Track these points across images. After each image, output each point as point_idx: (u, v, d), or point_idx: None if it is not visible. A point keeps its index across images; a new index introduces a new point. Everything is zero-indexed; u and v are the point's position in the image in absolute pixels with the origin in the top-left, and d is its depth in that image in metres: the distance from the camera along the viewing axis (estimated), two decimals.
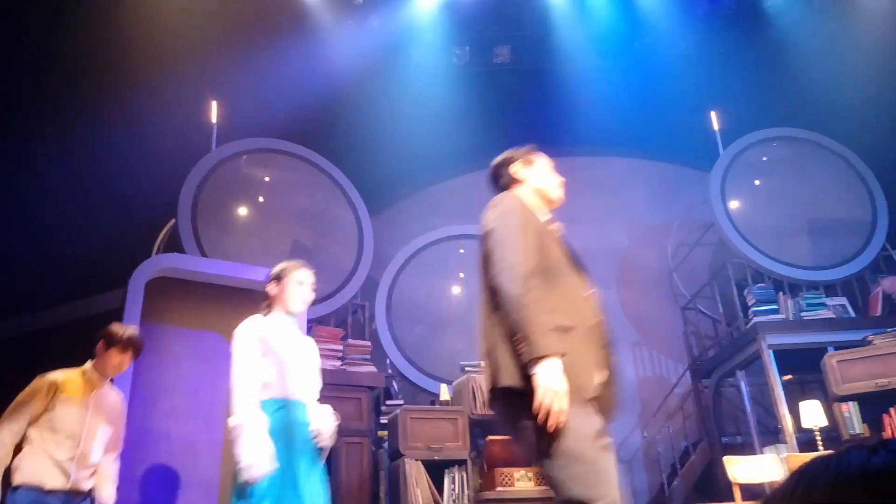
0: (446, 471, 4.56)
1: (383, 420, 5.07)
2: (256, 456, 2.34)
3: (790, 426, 4.99)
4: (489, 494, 4.47)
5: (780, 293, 5.67)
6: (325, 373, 4.96)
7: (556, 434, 1.79)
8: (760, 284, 5.76)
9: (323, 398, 4.81)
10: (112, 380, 3.17)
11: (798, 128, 6.48)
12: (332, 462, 4.72)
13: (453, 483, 4.52)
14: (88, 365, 3.00)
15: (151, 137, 5.39)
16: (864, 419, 4.71)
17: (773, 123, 6.48)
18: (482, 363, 2.07)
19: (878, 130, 6.01)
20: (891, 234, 6.03)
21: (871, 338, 5.11)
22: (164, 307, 4.39)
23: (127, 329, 3.06)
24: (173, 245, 5.21)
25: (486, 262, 2.05)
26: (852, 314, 5.61)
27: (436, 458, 4.57)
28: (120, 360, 3.00)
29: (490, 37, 6.85)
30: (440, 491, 4.51)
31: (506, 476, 4.51)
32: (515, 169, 2.35)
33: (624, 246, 7.27)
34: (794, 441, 4.94)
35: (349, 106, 6.38)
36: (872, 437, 4.94)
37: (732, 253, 6.02)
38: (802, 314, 5.54)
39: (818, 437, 4.83)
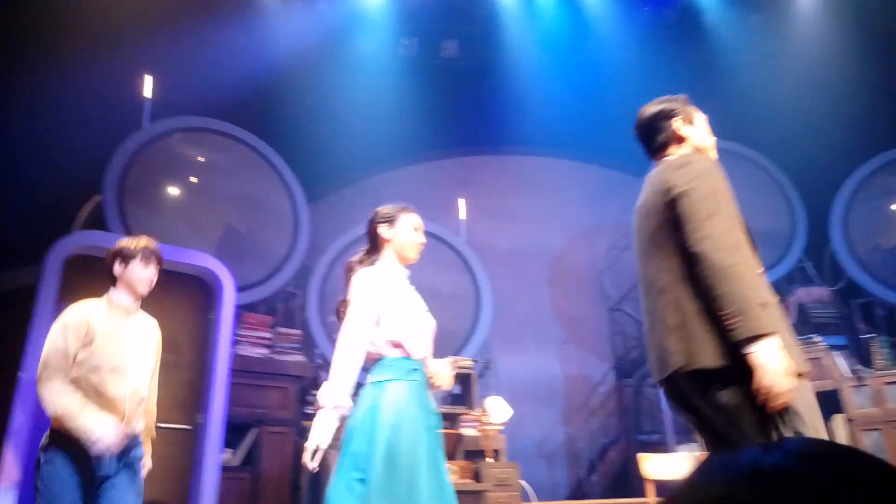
0: None
1: (310, 410, 5.03)
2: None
3: None
4: None
5: None
6: (252, 360, 4.91)
7: (783, 416, 1.63)
8: None
9: (247, 386, 4.75)
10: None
11: (729, 140, 6.74)
12: (252, 453, 4.66)
13: None
14: (111, 292, 2.63)
15: (78, 110, 5.15)
16: None
17: None
18: (656, 340, 1.85)
19: (802, 146, 6.31)
20: (807, 246, 6.36)
21: None
22: (84, 286, 4.23)
23: (139, 239, 2.69)
24: (97, 222, 5.01)
25: (671, 228, 1.83)
26: None
27: None
28: (147, 275, 2.63)
29: (438, 30, 6.84)
30: None
31: None
32: (678, 125, 2.06)
33: (558, 246, 7.42)
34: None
35: (291, 90, 6.26)
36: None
37: None
38: None
39: None
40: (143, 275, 2.62)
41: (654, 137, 2.09)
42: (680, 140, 2.06)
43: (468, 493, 4.59)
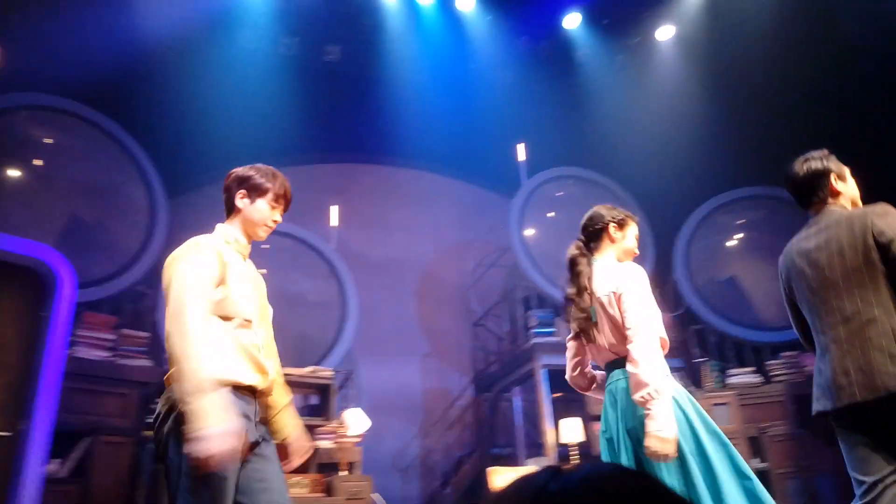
0: None
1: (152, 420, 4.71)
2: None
3: (551, 440, 5.46)
4: None
5: (559, 317, 6.19)
6: (89, 364, 4.53)
7: None
8: (544, 308, 6.25)
9: (82, 391, 4.37)
10: None
11: (589, 168, 7.16)
12: (83, 464, 4.30)
13: None
14: (227, 227, 2.19)
15: None
16: None
17: (572, 162, 7.09)
18: (866, 364, 2.07)
19: (655, 180, 6.81)
20: (654, 273, 6.85)
21: None
22: None
23: (276, 172, 2.26)
24: None
25: (877, 267, 2.12)
26: None
27: None
28: (272, 216, 2.22)
29: (322, 33, 6.73)
30: None
31: None
32: (834, 181, 2.36)
33: (427, 259, 7.51)
34: (555, 454, 5.41)
35: (161, 78, 5.90)
36: None
37: (523, 276, 6.47)
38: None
39: (573, 452, 5.32)
40: (267, 215, 2.21)
41: (813, 193, 2.40)
42: (836, 194, 2.36)
43: None
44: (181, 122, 5.94)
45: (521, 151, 7.01)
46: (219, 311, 2.01)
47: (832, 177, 2.36)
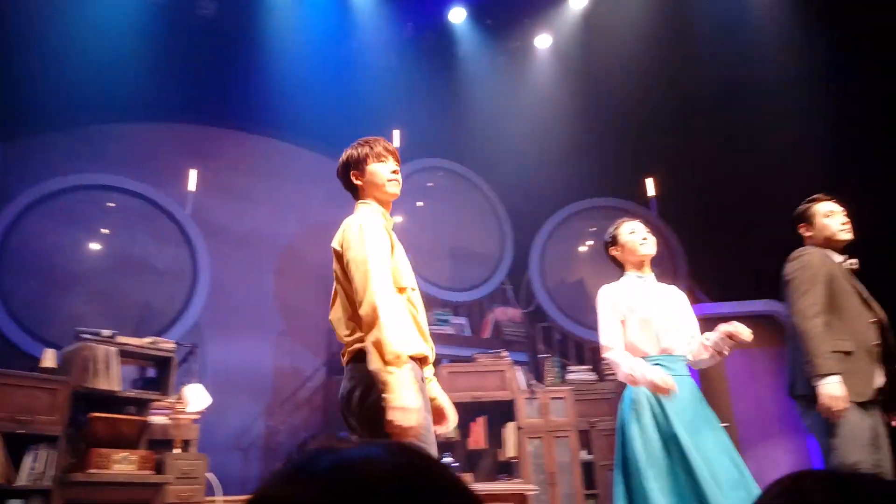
0: (30, 447, 3.99)
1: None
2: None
3: None
4: (78, 476, 4.03)
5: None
6: None
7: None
8: None
9: None
10: None
11: (464, 164, 7.30)
12: None
13: (35, 461, 3.97)
14: (365, 205, 2.33)
15: None
16: (459, 426, 5.47)
17: (444, 155, 7.20)
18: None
19: (521, 179, 7.08)
20: (511, 270, 7.14)
21: (477, 356, 5.97)
22: None
23: (365, 139, 2.45)
24: None
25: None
26: (467, 334, 6.49)
27: (21, 431, 3.97)
28: (388, 168, 2.37)
29: None
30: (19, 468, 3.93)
31: (104, 457, 4.13)
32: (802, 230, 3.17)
33: (290, 236, 7.31)
34: None
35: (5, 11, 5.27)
36: (461, 441, 5.76)
37: None
38: (431, 327, 6.22)
39: None
40: (391, 177, 2.37)
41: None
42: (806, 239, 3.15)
43: (146, 486, 4.26)
44: (27, 60, 5.34)
45: (397, 138, 7.01)
46: (394, 283, 2.10)
47: (801, 226, 3.24)
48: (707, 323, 6.30)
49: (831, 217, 3.03)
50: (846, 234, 3.01)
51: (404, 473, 0.50)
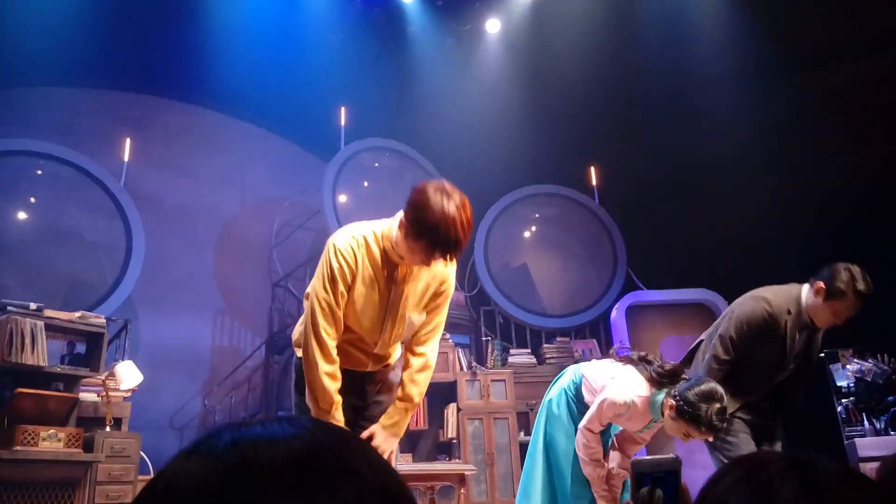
0: None
1: None
2: None
3: None
4: (3, 454, 3.85)
5: None
6: None
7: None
8: None
9: None
10: None
11: (410, 145, 7.25)
12: None
13: None
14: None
15: None
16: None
17: (391, 135, 7.12)
18: None
19: (470, 161, 7.08)
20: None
21: None
22: None
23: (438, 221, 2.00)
24: None
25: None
26: None
27: None
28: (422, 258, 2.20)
29: None
30: None
31: (30, 434, 3.95)
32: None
33: (232, 212, 7.12)
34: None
35: None
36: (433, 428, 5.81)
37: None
38: None
39: None
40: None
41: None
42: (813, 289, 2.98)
43: (75, 464, 4.10)
44: None
45: (343, 116, 6.90)
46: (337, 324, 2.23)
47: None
48: (644, 309, 6.55)
49: (840, 313, 2.81)
50: (829, 325, 2.93)
51: (311, 453, 0.48)
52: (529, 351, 6.50)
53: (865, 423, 4.78)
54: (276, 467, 0.46)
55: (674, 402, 2.53)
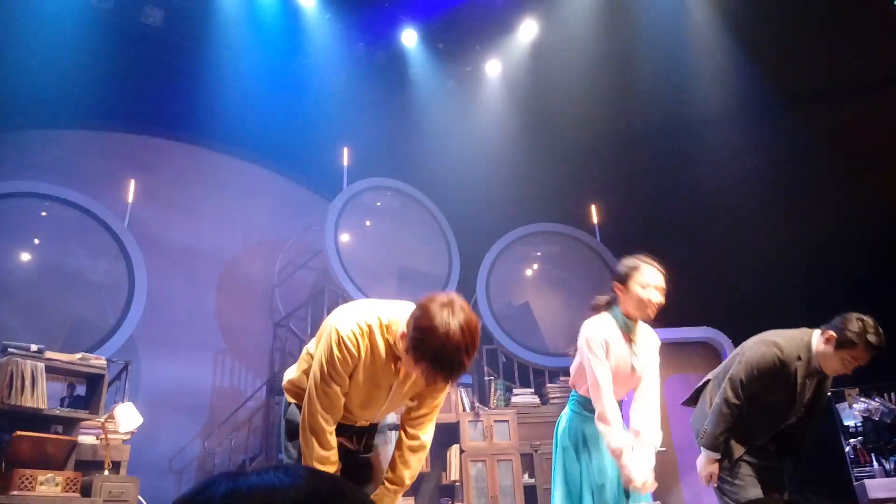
0: None
1: None
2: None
3: None
4: (0, 498, 3.79)
5: None
6: None
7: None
8: None
9: None
10: None
11: (412, 185, 7.31)
12: None
13: None
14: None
15: None
16: None
17: (393, 175, 7.19)
18: None
19: (470, 202, 7.13)
20: (457, 292, 7.13)
21: None
22: None
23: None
24: None
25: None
26: None
27: None
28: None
29: None
30: None
31: (27, 478, 3.90)
32: None
33: (233, 252, 7.14)
34: None
35: None
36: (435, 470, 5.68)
37: (332, 281, 6.41)
38: None
39: None
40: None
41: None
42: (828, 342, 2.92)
43: None
44: None
45: (346, 156, 6.98)
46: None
47: None
48: None
49: (849, 363, 2.78)
50: (837, 374, 2.90)
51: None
52: (533, 390, 6.43)
53: (875, 463, 4.70)
54: None
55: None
